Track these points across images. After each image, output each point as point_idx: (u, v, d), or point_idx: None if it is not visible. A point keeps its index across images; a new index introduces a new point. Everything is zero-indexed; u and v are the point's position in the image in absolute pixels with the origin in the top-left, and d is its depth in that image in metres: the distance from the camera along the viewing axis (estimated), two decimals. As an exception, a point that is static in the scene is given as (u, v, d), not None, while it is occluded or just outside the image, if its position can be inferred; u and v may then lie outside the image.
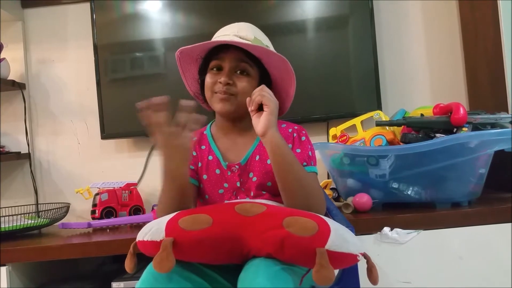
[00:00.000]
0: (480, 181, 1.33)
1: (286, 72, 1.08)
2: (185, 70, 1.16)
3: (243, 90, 1.03)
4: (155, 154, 1.86)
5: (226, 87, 1.02)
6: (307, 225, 0.78)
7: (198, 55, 1.10)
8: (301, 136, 1.07)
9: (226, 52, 1.04)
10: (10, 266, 1.36)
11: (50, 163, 1.89)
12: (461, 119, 1.26)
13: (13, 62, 1.82)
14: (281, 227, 0.78)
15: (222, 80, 1.02)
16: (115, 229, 1.55)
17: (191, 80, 1.18)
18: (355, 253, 0.78)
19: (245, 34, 1.05)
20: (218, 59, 1.05)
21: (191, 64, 1.14)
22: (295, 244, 0.76)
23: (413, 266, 1.24)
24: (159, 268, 0.76)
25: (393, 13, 1.80)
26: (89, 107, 1.85)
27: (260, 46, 1.03)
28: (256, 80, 1.07)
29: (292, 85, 1.11)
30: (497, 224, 1.24)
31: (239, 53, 1.04)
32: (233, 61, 1.04)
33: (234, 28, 1.08)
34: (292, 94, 1.13)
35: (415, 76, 1.81)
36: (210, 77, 1.06)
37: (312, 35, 1.72)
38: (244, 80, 1.04)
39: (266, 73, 1.09)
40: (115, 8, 1.77)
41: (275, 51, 1.05)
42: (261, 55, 1.05)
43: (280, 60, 1.05)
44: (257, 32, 1.10)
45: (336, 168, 1.44)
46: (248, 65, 1.05)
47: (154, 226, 0.83)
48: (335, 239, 0.76)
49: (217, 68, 1.06)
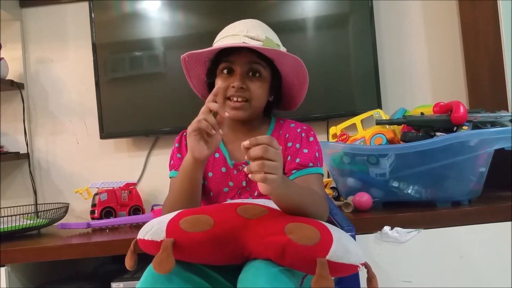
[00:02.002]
0: (480, 180, 1.32)
1: (299, 71, 1.07)
2: (191, 72, 1.13)
3: (256, 94, 1.03)
4: (154, 154, 1.85)
5: (240, 92, 1.01)
6: (309, 234, 0.77)
7: (206, 57, 1.08)
8: (309, 137, 1.07)
9: (237, 54, 1.02)
10: (9, 267, 1.35)
11: (49, 163, 1.88)
12: (461, 117, 1.25)
13: (11, 62, 1.82)
14: (283, 233, 0.77)
15: (236, 84, 1.00)
16: (114, 229, 1.54)
17: (197, 81, 1.16)
18: (356, 263, 0.77)
19: (255, 34, 1.02)
20: (229, 61, 1.03)
21: (197, 65, 1.11)
22: (296, 252, 0.75)
23: (414, 265, 1.24)
24: (159, 269, 0.76)
25: (393, 12, 1.80)
26: (88, 106, 1.84)
27: (274, 49, 1.01)
28: (268, 81, 1.06)
29: (305, 84, 1.10)
30: (498, 223, 1.24)
31: (251, 54, 1.02)
32: (245, 64, 1.02)
33: (242, 26, 1.04)
34: (304, 93, 1.13)
35: (415, 74, 1.80)
36: (222, 80, 1.04)
37: (312, 34, 1.72)
38: (257, 83, 1.03)
39: (277, 71, 1.08)
40: (114, 7, 1.76)
41: (287, 52, 1.03)
42: (275, 56, 1.03)
43: (294, 61, 1.04)
44: (267, 30, 1.08)
45: (336, 167, 1.44)
46: (260, 66, 1.03)
47: (155, 226, 0.83)
48: (336, 249, 0.75)
49: (227, 71, 1.04)
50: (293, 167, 1.03)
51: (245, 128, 1.10)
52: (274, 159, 0.76)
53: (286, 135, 1.08)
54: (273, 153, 0.76)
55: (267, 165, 0.75)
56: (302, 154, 1.03)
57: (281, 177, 0.80)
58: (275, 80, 1.08)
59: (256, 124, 1.11)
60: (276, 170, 0.77)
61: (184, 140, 1.10)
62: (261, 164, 0.75)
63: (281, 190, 0.82)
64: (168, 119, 1.73)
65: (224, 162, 1.07)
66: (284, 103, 1.16)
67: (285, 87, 1.12)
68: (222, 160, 1.08)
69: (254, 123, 1.10)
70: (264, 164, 0.75)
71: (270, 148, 0.76)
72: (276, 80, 1.08)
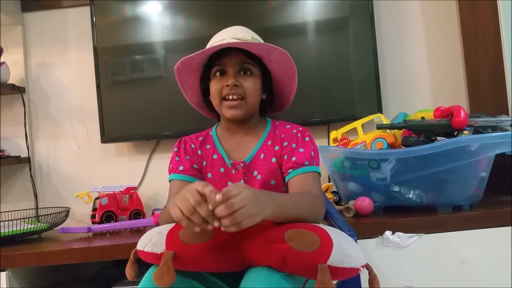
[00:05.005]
0: (481, 185, 1.32)
1: (288, 65, 1.09)
2: (184, 82, 1.16)
3: (250, 91, 1.06)
4: (155, 158, 1.85)
5: (234, 89, 1.04)
6: (309, 240, 0.77)
7: (198, 63, 1.11)
8: (304, 137, 1.08)
9: (227, 56, 1.06)
10: (9, 271, 1.35)
11: (50, 167, 1.89)
12: (462, 122, 1.25)
13: (13, 66, 1.82)
14: (283, 241, 0.77)
15: (230, 82, 1.04)
16: (115, 233, 1.54)
17: (191, 91, 1.19)
18: (357, 267, 0.77)
19: (242, 35, 1.06)
20: (221, 64, 1.07)
21: (190, 74, 1.14)
22: (297, 259, 0.75)
23: (415, 269, 1.23)
24: (160, 282, 0.76)
25: (393, 16, 1.80)
26: (89, 110, 1.85)
27: (261, 43, 1.05)
28: (259, 78, 1.09)
29: (294, 79, 1.13)
30: (499, 228, 1.23)
31: (240, 55, 1.05)
32: (236, 64, 1.06)
33: (229, 32, 1.09)
34: (295, 88, 1.15)
35: (415, 79, 1.80)
36: (216, 83, 1.07)
37: (312, 37, 1.72)
38: (249, 80, 1.06)
39: (267, 70, 1.11)
40: (115, 11, 1.77)
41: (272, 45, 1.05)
42: (262, 53, 1.06)
43: (281, 55, 1.06)
44: (252, 33, 1.12)
45: (337, 171, 1.44)
46: (250, 64, 1.07)
47: (155, 237, 0.83)
48: (337, 254, 0.76)
49: (220, 73, 1.07)
50: (290, 166, 1.04)
51: (242, 129, 1.12)
52: (241, 205, 0.73)
53: (282, 135, 1.10)
54: (237, 202, 0.73)
55: (238, 216, 0.72)
56: (298, 153, 1.05)
57: (264, 205, 0.78)
58: (266, 79, 1.12)
59: (252, 124, 1.13)
60: (248, 212, 0.73)
61: (182, 145, 1.12)
62: (232, 219, 0.72)
63: (268, 213, 0.79)
64: (169, 123, 1.73)
65: (222, 162, 1.09)
66: (277, 103, 1.19)
67: (276, 85, 1.15)
68: (220, 161, 1.09)
69: (251, 123, 1.12)
70: (235, 217, 0.72)
71: (232, 200, 0.72)
72: (266, 78, 1.12)
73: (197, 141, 1.13)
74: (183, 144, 1.12)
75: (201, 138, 1.14)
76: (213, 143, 1.12)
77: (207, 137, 1.15)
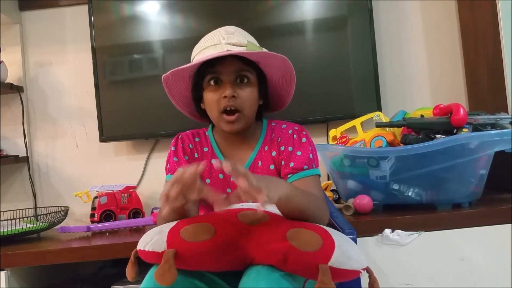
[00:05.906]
0: (480, 182, 1.32)
1: (286, 70, 1.07)
2: (173, 90, 1.11)
3: (248, 103, 1.02)
4: (154, 157, 1.85)
5: (232, 100, 0.99)
6: (311, 239, 0.77)
7: (190, 72, 1.06)
8: (301, 138, 1.06)
9: (222, 63, 1.00)
10: (8, 271, 1.35)
11: (48, 167, 1.88)
12: (461, 120, 1.25)
13: (11, 65, 1.82)
14: (285, 239, 0.77)
15: (227, 93, 0.99)
16: (114, 232, 1.54)
17: (181, 98, 1.13)
18: (358, 269, 0.77)
19: (237, 40, 1.01)
20: (215, 72, 1.01)
21: (179, 82, 1.09)
22: (298, 258, 0.75)
23: (414, 267, 1.23)
24: (161, 281, 0.75)
25: (392, 14, 1.80)
26: (88, 109, 1.84)
27: (260, 52, 1.00)
28: (256, 84, 1.05)
29: (293, 83, 1.10)
30: (498, 225, 1.23)
31: (237, 62, 1.00)
32: (232, 72, 1.01)
33: (222, 34, 1.03)
34: (292, 91, 1.12)
35: (414, 77, 1.80)
36: (211, 93, 1.02)
37: (311, 36, 1.72)
38: (247, 90, 1.02)
39: (262, 73, 1.07)
40: (113, 10, 1.76)
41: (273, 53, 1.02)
42: (260, 59, 1.03)
43: (281, 61, 1.03)
44: (247, 35, 1.07)
45: (336, 169, 1.44)
46: (247, 71, 1.02)
47: (155, 236, 0.82)
48: (338, 256, 0.75)
49: (215, 81, 1.02)
50: (288, 171, 1.02)
51: (239, 137, 1.09)
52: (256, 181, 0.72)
53: (279, 139, 1.07)
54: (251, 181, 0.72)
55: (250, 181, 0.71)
56: (295, 157, 1.02)
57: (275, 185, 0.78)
58: (262, 83, 1.08)
59: (249, 131, 1.10)
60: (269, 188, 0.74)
61: (180, 143, 1.10)
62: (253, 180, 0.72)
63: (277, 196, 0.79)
64: (168, 122, 1.73)
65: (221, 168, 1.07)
66: (273, 104, 1.16)
67: (272, 88, 1.11)
68: None
69: (247, 131, 1.09)
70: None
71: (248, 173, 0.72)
72: (263, 82, 1.08)
73: (195, 141, 1.11)
74: (180, 143, 1.09)
75: (198, 139, 1.11)
76: (211, 146, 1.11)
77: (204, 138, 1.12)
